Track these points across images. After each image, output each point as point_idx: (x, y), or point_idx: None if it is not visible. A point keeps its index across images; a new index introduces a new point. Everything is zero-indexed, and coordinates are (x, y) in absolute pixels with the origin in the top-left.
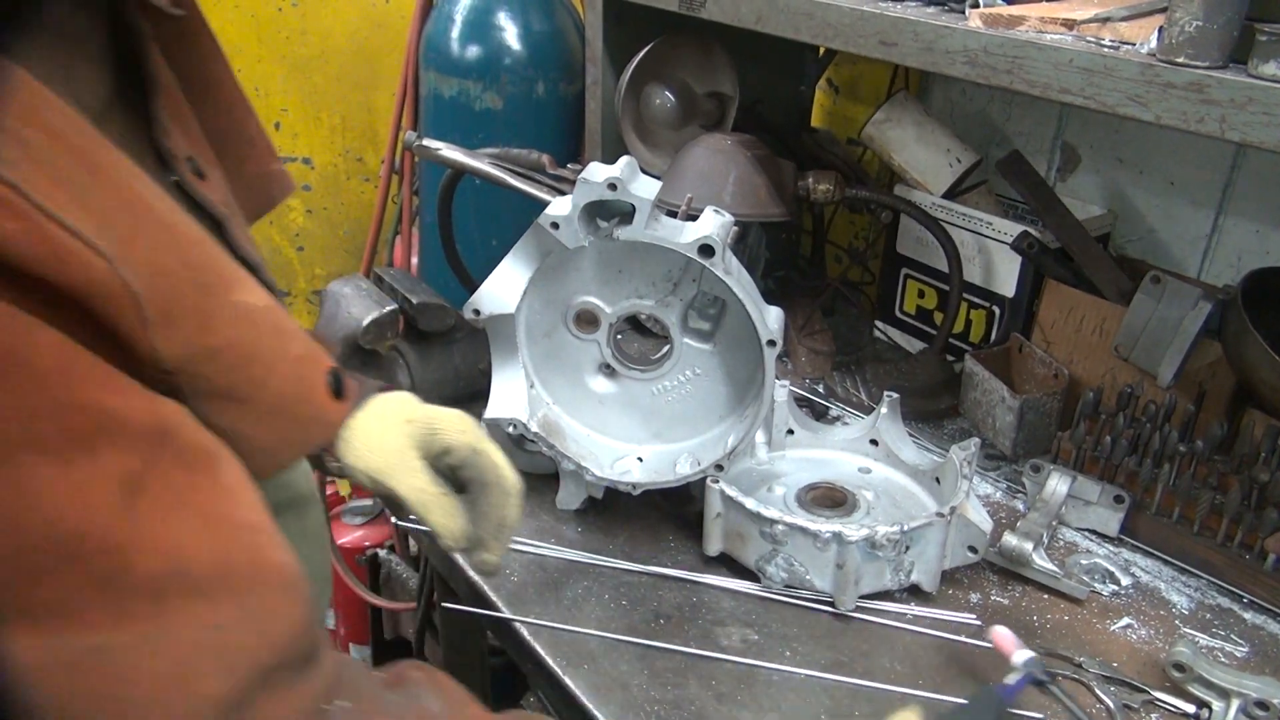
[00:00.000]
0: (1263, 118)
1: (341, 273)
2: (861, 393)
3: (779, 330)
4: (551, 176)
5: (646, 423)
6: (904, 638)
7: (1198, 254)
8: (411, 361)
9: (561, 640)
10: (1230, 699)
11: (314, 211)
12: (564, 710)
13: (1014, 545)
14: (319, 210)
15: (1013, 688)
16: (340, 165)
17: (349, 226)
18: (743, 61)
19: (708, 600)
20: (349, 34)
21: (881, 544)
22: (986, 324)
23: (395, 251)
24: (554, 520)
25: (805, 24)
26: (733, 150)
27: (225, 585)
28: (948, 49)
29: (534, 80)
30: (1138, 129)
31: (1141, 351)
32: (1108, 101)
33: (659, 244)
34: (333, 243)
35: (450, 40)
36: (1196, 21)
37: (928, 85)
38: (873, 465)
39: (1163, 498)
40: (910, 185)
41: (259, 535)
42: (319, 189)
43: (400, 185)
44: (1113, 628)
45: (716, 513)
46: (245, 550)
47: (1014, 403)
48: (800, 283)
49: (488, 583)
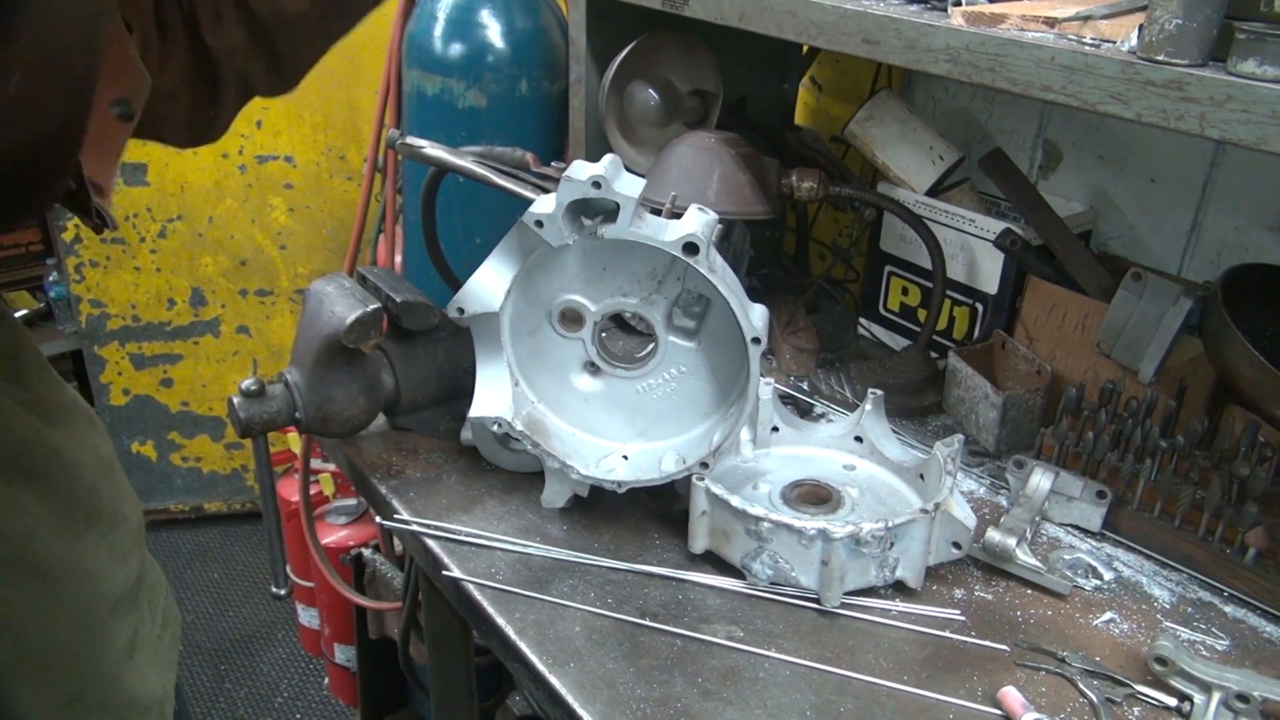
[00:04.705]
0: (1242, 115)
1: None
2: (846, 390)
3: (763, 328)
4: (535, 175)
5: (631, 421)
6: (889, 634)
7: (1178, 250)
8: (395, 360)
9: (547, 638)
10: (1211, 692)
11: (296, 210)
12: (549, 708)
13: (998, 541)
14: (301, 209)
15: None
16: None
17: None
18: (726, 59)
19: (693, 598)
20: None
21: (866, 541)
22: (969, 321)
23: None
24: (539, 519)
25: (788, 22)
26: (717, 148)
27: None
28: (930, 47)
29: (517, 78)
30: (1119, 126)
31: (1123, 348)
32: (1089, 99)
33: (643, 242)
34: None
35: (433, 38)
36: (1176, 20)
37: (910, 83)
38: (857, 462)
39: (1144, 493)
40: (893, 183)
41: None
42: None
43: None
44: (1095, 622)
45: (702, 510)
46: None
47: (997, 399)
48: (784, 280)
49: (472, 582)
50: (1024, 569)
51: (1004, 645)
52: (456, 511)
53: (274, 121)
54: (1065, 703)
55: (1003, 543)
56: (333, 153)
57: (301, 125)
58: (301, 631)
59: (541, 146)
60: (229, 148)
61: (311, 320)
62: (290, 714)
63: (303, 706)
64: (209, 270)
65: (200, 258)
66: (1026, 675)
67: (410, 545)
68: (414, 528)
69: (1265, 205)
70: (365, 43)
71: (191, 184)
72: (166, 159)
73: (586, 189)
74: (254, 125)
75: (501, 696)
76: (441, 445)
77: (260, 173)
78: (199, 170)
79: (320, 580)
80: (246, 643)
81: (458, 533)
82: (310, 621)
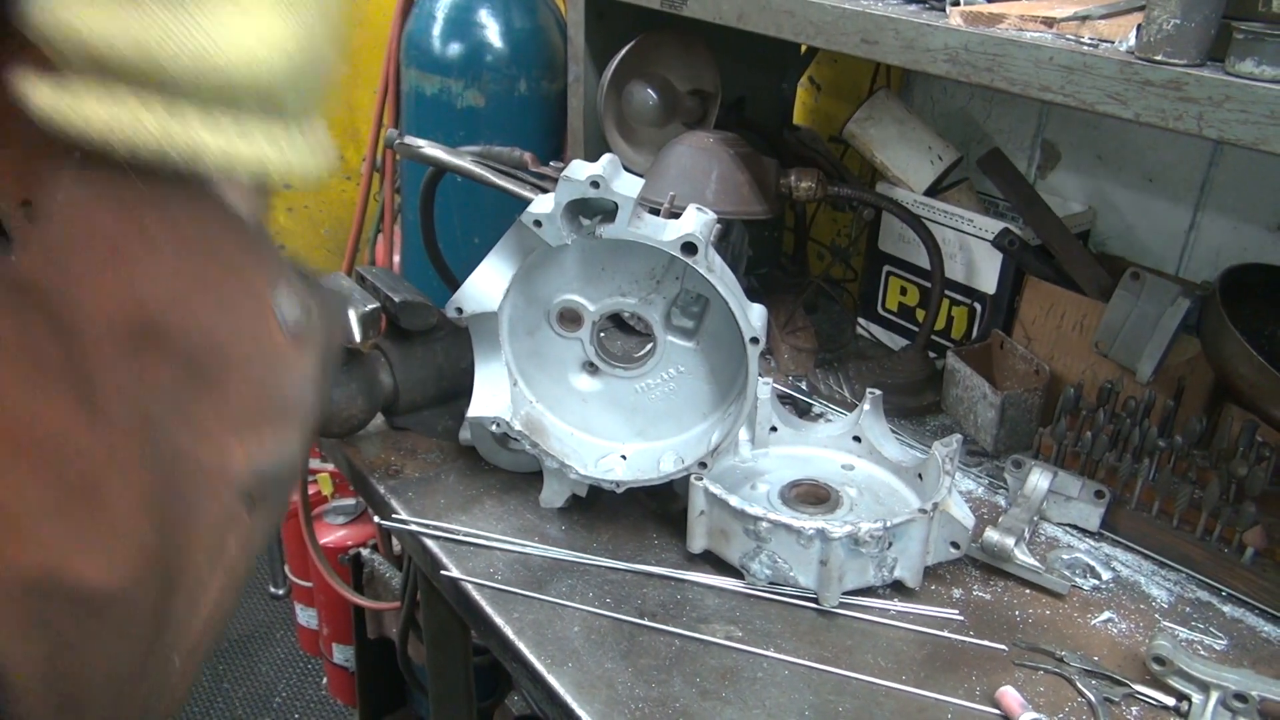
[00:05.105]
0: (1239, 115)
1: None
2: (844, 390)
3: (762, 328)
4: (534, 174)
5: (630, 420)
6: (887, 633)
7: (1176, 250)
8: (394, 360)
9: (545, 638)
10: (1209, 691)
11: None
12: (548, 708)
13: (996, 541)
14: (300, 209)
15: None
16: None
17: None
18: (725, 59)
19: (692, 598)
20: None
21: (865, 540)
22: (968, 321)
23: (377, 250)
24: (537, 519)
25: (787, 22)
26: (715, 148)
27: None
28: (928, 47)
29: (516, 78)
30: (1117, 126)
31: (1121, 347)
32: (1087, 99)
33: (642, 242)
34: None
35: (431, 38)
36: (1174, 20)
37: (909, 83)
38: (856, 462)
39: (1142, 492)
40: (892, 182)
41: None
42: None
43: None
44: (1093, 622)
45: (700, 510)
46: None
47: (995, 399)
48: (783, 280)
49: (471, 582)
50: (1022, 569)
51: (1002, 645)
52: (455, 511)
53: None
54: (1063, 702)
55: (1001, 542)
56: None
57: None
58: (300, 631)
59: (540, 146)
60: None
61: None
62: (289, 714)
63: (301, 706)
64: None
65: None
66: (1025, 675)
67: (409, 545)
68: (412, 527)
69: (1263, 205)
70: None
71: None
72: None
73: (585, 189)
74: None
75: (500, 696)
76: (440, 445)
77: None
78: None
79: (319, 580)
80: (245, 642)
81: (456, 532)
82: (308, 621)
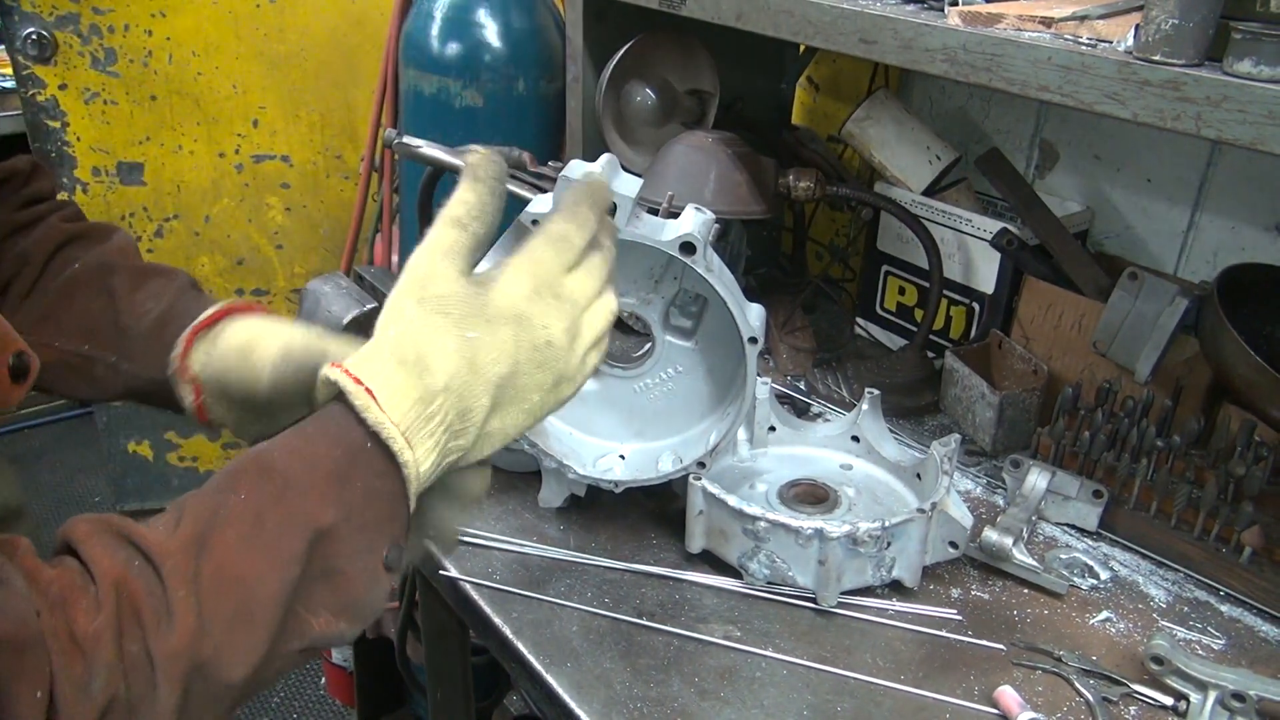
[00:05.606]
0: (1238, 115)
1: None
2: (843, 389)
3: (760, 327)
4: (532, 174)
5: (628, 420)
6: (886, 633)
7: (1174, 250)
8: None
9: (544, 638)
10: (1208, 691)
11: (293, 209)
12: (546, 708)
13: (994, 540)
14: (298, 208)
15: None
16: (319, 163)
17: (328, 224)
18: (723, 59)
19: (690, 598)
20: (328, 30)
21: (863, 540)
22: (966, 320)
23: (375, 249)
24: (536, 518)
25: (785, 21)
26: (714, 148)
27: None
28: (927, 47)
29: (514, 77)
30: (1115, 126)
31: (1119, 347)
32: (1085, 99)
33: (640, 242)
34: (312, 240)
35: (430, 37)
36: (1172, 20)
37: (907, 83)
38: (854, 462)
39: (1140, 492)
40: (890, 182)
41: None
42: (298, 187)
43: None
44: (1092, 621)
45: (699, 510)
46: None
47: (994, 399)
48: (781, 280)
49: (470, 582)
50: (1020, 568)
51: (1000, 644)
52: None
53: (271, 121)
54: (1062, 702)
55: (999, 542)
56: (330, 152)
57: (298, 125)
58: None
59: (538, 146)
60: (226, 147)
61: (308, 319)
62: (287, 714)
63: (299, 706)
64: (205, 269)
65: (197, 257)
66: (1023, 674)
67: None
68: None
69: (1261, 205)
70: (362, 42)
71: (188, 183)
72: (163, 159)
73: None
74: (251, 124)
75: (499, 696)
76: None
77: (257, 172)
78: (195, 170)
79: None
80: None
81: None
82: None
